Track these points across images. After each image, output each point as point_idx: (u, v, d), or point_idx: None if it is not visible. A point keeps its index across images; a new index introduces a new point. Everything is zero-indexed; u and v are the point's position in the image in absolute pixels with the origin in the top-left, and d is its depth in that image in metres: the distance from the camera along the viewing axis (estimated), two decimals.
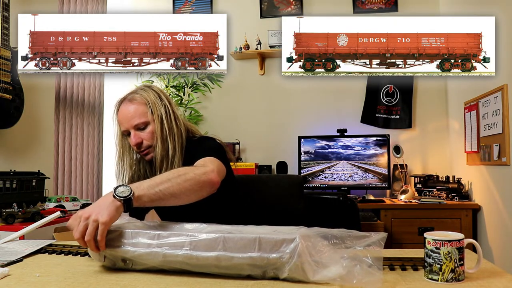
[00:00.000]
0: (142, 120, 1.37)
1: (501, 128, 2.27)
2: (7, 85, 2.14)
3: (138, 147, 1.38)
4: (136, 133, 1.37)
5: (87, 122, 3.29)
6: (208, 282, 0.88)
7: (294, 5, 3.51)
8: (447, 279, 0.84)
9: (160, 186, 1.03)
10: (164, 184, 1.04)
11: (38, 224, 1.36)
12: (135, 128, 1.37)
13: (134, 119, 1.37)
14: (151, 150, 1.39)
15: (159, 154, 1.36)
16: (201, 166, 1.19)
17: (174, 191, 1.05)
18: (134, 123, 1.37)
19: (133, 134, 1.37)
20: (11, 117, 2.20)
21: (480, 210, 2.66)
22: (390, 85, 3.34)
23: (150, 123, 1.38)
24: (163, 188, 1.03)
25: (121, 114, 1.40)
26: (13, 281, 0.90)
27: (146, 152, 1.39)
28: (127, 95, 1.43)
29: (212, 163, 1.24)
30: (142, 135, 1.37)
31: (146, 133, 1.37)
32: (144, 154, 1.40)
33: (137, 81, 3.50)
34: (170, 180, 1.06)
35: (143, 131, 1.38)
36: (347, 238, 0.90)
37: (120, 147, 1.44)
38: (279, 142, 3.45)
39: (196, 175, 1.12)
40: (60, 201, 2.12)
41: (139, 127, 1.37)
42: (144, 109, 1.38)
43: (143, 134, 1.37)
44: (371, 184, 3.10)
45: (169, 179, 1.06)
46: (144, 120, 1.37)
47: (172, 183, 1.06)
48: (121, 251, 0.94)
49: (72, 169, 3.07)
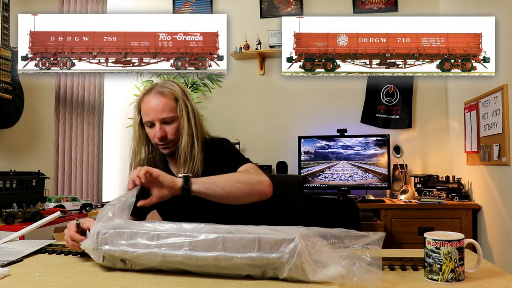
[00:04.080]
0: (170, 115, 1.38)
1: (501, 128, 2.27)
2: (7, 85, 2.14)
3: (161, 139, 1.38)
4: (162, 126, 1.38)
5: (87, 122, 3.29)
6: (208, 282, 0.88)
7: (294, 5, 3.51)
8: (447, 279, 0.84)
9: (216, 180, 1.21)
10: (220, 179, 1.22)
11: (38, 224, 1.36)
12: (161, 122, 1.38)
13: (163, 112, 1.37)
14: (171, 145, 1.41)
15: (184, 150, 1.38)
16: (256, 174, 1.30)
17: (226, 187, 1.18)
18: (162, 117, 1.37)
19: (158, 126, 1.37)
20: (11, 117, 2.20)
21: (480, 210, 2.66)
22: (390, 85, 3.33)
23: (177, 118, 1.39)
24: (218, 182, 1.21)
25: (148, 105, 1.39)
26: (13, 281, 0.90)
27: (166, 146, 1.41)
28: (155, 86, 1.43)
29: (261, 172, 1.34)
30: (167, 129, 1.39)
31: (171, 127, 1.39)
32: (164, 148, 1.41)
33: (137, 81, 3.51)
34: (224, 179, 1.23)
35: (169, 125, 1.39)
36: (345, 238, 0.90)
37: (138, 137, 1.45)
38: (279, 142, 3.45)
39: (250, 180, 1.27)
40: (60, 201, 2.12)
41: (166, 121, 1.38)
42: (174, 104, 1.39)
43: (168, 128, 1.38)
44: (371, 184, 3.09)
45: (225, 179, 1.23)
46: (172, 115, 1.38)
47: (226, 180, 1.22)
48: (120, 252, 0.94)
49: (72, 169, 3.07)
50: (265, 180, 1.28)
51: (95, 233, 0.98)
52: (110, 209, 1.05)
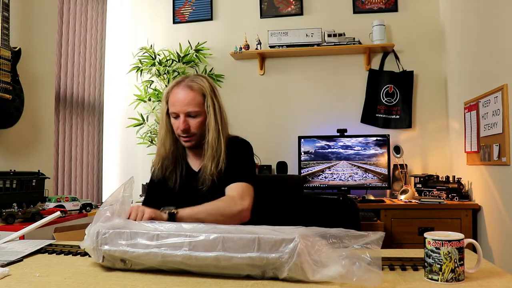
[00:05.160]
0: (196, 109, 1.42)
1: (501, 128, 2.27)
2: (7, 85, 2.14)
3: (184, 131, 1.43)
4: (186, 119, 1.43)
5: (87, 122, 3.29)
6: (208, 282, 0.88)
7: (294, 5, 3.51)
8: (447, 279, 0.84)
9: (199, 215, 1.28)
10: (203, 214, 1.29)
11: (38, 224, 1.36)
12: (186, 115, 1.42)
13: (189, 106, 1.42)
14: (193, 138, 1.46)
15: (211, 145, 1.43)
16: (240, 201, 1.36)
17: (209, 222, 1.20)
18: (187, 110, 1.42)
19: (182, 119, 1.42)
20: (11, 117, 2.20)
21: (480, 210, 2.66)
22: (390, 85, 3.33)
23: (202, 113, 1.44)
24: (201, 216, 1.27)
25: (176, 97, 1.44)
26: (13, 281, 0.90)
27: (189, 139, 1.45)
28: (185, 79, 1.47)
29: (249, 196, 1.40)
30: (191, 122, 1.43)
31: (195, 121, 1.43)
32: (186, 140, 1.46)
33: (137, 81, 3.51)
34: (208, 213, 1.29)
35: (193, 118, 1.44)
36: (345, 238, 0.90)
37: (165, 126, 1.49)
38: (279, 142, 3.45)
39: (232, 211, 1.33)
40: (60, 201, 2.12)
41: (191, 114, 1.43)
42: (201, 99, 1.44)
43: (192, 121, 1.43)
44: (371, 184, 3.09)
45: (209, 213, 1.30)
46: (198, 109, 1.43)
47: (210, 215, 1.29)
48: (120, 252, 0.94)
49: (72, 169, 3.08)
50: (245, 208, 1.36)
51: (95, 233, 0.98)
52: (108, 209, 1.05)
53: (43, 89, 2.59)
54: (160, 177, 1.52)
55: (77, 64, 3.17)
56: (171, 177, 1.50)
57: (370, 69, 3.38)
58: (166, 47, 3.55)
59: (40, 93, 2.55)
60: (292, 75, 3.50)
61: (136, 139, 3.44)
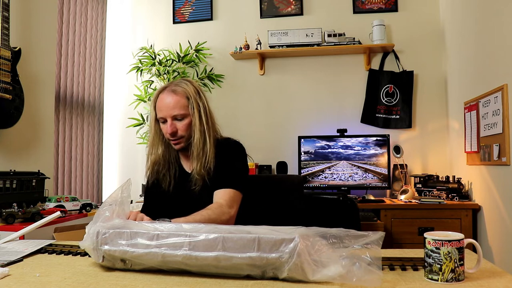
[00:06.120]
0: (181, 112, 1.46)
1: (501, 128, 2.27)
2: (7, 85, 2.14)
3: (172, 135, 1.47)
4: (173, 122, 1.47)
5: (87, 122, 3.29)
6: (208, 282, 0.88)
7: (294, 5, 3.51)
8: (447, 279, 0.84)
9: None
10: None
11: (38, 224, 1.36)
12: (173, 118, 1.46)
13: (174, 109, 1.45)
14: (182, 141, 1.49)
15: (196, 146, 1.47)
16: (228, 209, 1.39)
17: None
18: (173, 113, 1.46)
19: (169, 123, 1.47)
20: (11, 117, 2.20)
21: (480, 210, 2.66)
22: (390, 85, 3.33)
23: (187, 116, 1.47)
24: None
25: (161, 102, 1.48)
26: (13, 281, 0.90)
27: (178, 141, 1.49)
28: (170, 85, 1.52)
29: (236, 204, 1.43)
30: (178, 125, 1.47)
31: (182, 124, 1.47)
32: (175, 143, 1.50)
33: (137, 81, 3.51)
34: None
35: (180, 121, 1.47)
36: (345, 238, 0.90)
37: (154, 132, 1.54)
38: (279, 142, 3.45)
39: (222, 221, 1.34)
40: (60, 201, 2.12)
41: (177, 117, 1.47)
42: (185, 102, 1.47)
43: (179, 124, 1.47)
44: (371, 184, 3.09)
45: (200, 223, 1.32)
46: (183, 112, 1.46)
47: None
48: (120, 252, 0.94)
49: (72, 169, 3.08)
50: (231, 216, 1.40)
51: (95, 233, 0.97)
52: (107, 209, 1.05)
53: (43, 89, 2.59)
54: (154, 181, 1.56)
55: (77, 64, 3.17)
56: (165, 179, 1.54)
57: (370, 69, 3.38)
58: (166, 47, 3.55)
59: (40, 93, 2.55)
60: (292, 75, 3.50)
61: (136, 139, 3.44)
